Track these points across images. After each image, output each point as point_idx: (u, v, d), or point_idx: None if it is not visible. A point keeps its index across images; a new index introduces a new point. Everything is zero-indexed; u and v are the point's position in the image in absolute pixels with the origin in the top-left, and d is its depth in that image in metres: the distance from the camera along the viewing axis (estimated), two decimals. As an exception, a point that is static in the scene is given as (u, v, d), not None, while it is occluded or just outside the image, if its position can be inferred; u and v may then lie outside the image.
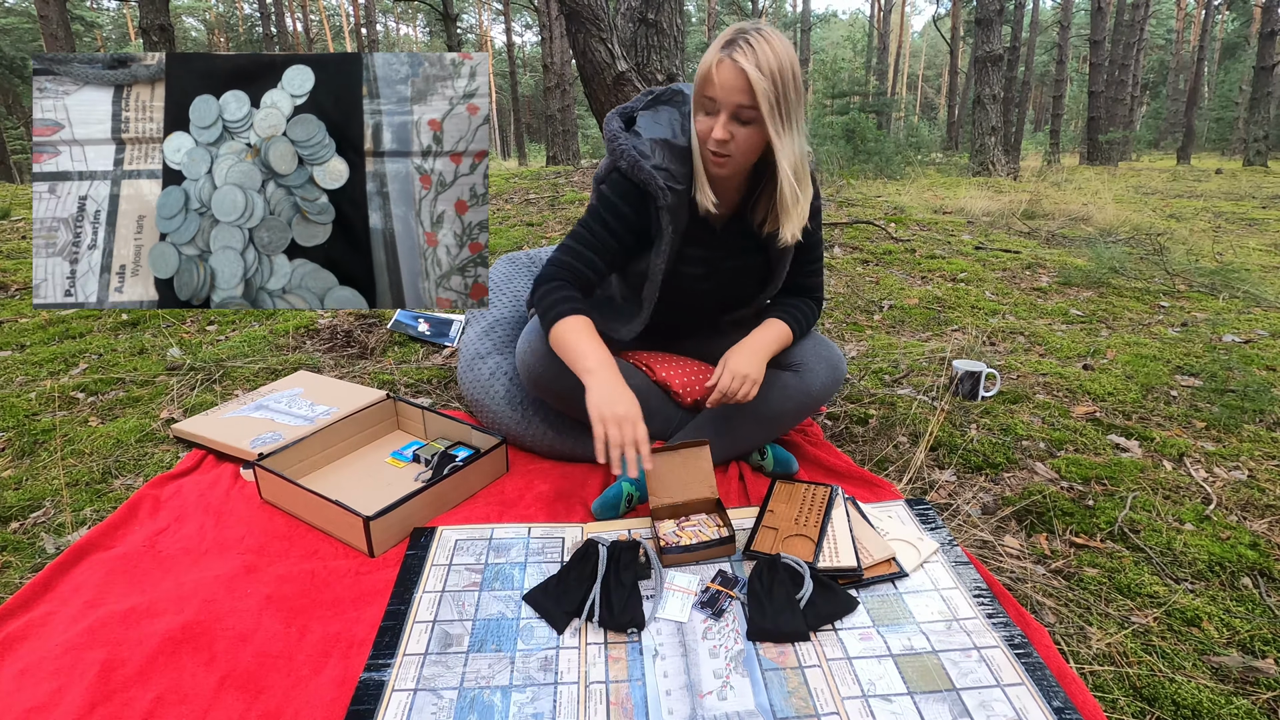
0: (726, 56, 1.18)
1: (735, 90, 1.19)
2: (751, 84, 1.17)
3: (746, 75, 1.17)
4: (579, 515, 1.40)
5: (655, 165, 1.32)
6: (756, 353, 1.36)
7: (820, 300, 1.54)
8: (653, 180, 1.31)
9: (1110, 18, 15.28)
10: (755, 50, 1.18)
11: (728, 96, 1.20)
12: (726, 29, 1.24)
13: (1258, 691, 1.00)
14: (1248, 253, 4.18)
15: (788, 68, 1.20)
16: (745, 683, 0.98)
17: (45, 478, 1.55)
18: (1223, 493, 1.49)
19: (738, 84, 1.18)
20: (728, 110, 1.21)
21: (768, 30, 1.21)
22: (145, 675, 0.98)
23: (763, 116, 1.20)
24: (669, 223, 1.34)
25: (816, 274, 1.51)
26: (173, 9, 10.47)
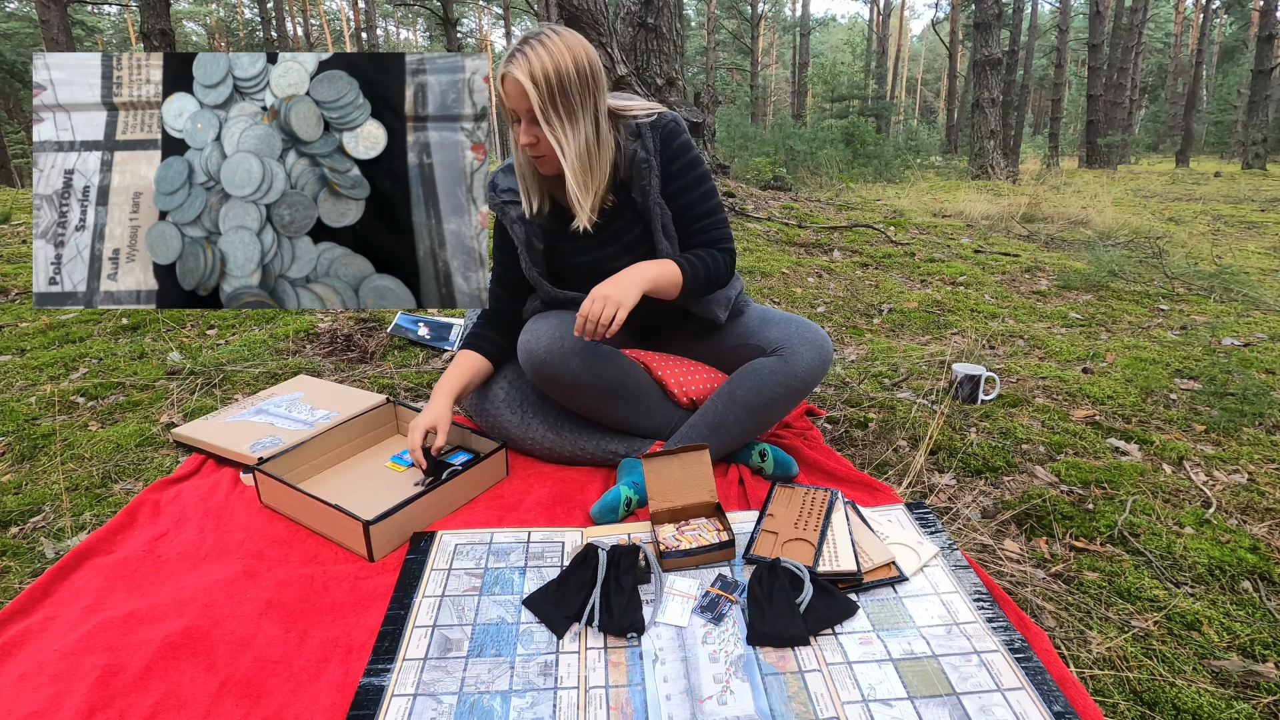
0: (506, 70, 1.29)
1: (518, 97, 1.29)
2: (525, 90, 1.27)
3: (520, 84, 1.27)
4: (578, 519, 1.40)
5: (502, 189, 1.50)
6: (625, 275, 1.36)
7: (728, 250, 1.51)
8: (493, 203, 1.50)
9: (1109, 21, 15.33)
10: (529, 58, 1.26)
11: (517, 104, 1.30)
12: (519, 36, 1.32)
13: (1258, 696, 1.00)
14: (1246, 256, 4.19)
15: (565, 65, 1.27)
16: (745, 687, 0.98)
17: (45, 482, 1.55)
18: (1222, 496, 1.49)
19: (516, 91, 1.28)
20: (524, 116, 1.32)
21: (549, 32, 1.29)
22: (144, 680, 0.98)
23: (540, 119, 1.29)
24: (519, 231, 1.49)
25: (713, 228, 1.49)
26: (173, 14, 10.50)
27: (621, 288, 1.33)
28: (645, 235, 1.49)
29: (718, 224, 1.51)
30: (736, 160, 7.60)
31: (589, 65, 1.30)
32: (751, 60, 26.60)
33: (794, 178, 7.01)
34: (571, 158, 1.34)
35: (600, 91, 1.34)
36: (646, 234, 1.49)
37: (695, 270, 1.44)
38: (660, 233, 1.46)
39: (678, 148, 1.45)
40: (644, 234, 1.49)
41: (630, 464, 1.51)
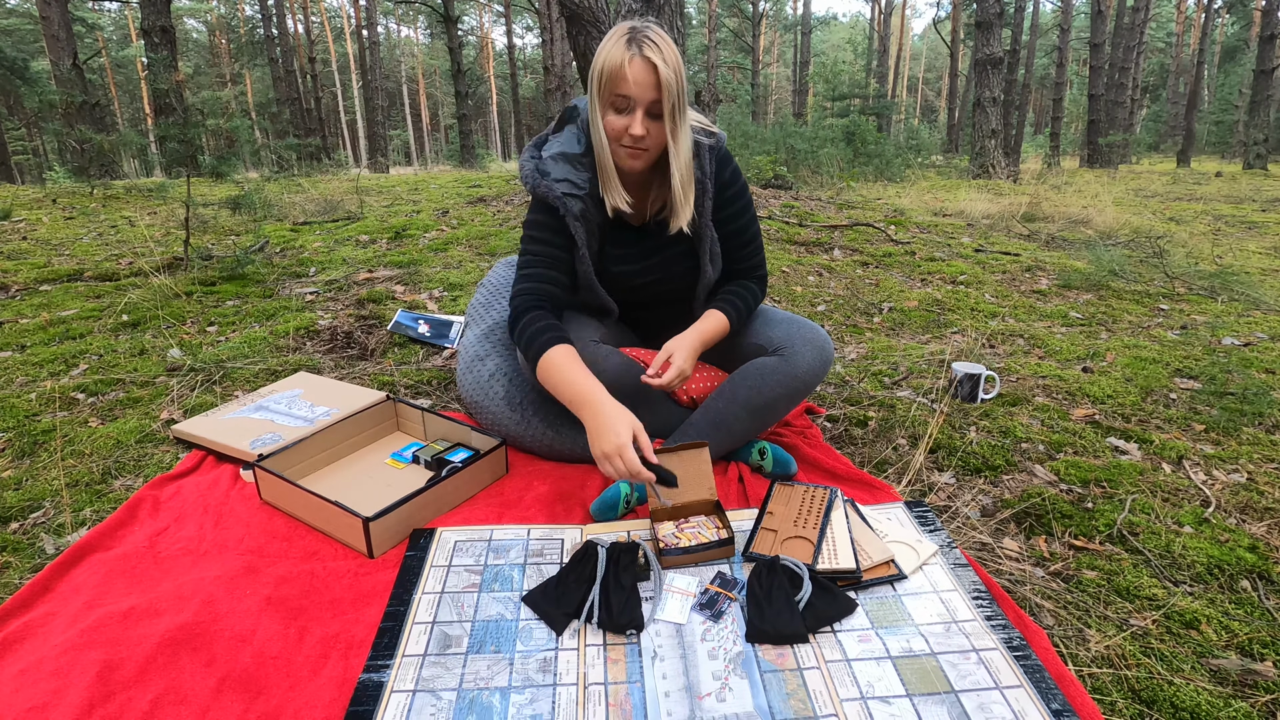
0: (637, 54, 1.24)
1: (648, 86, 1.25)
2: (661, 80, 1.24)
3: (658, 71, 1.24)
4: (578, 517, 1.40)
5: (555, 179, 1.39)
6: (693, 348, 1.42)
7: (762, 278, 1.58)
8: (551, 193, 1.38)
9: (1110, 21, 15.31)
10: (660, 48, 1.25)
11: (642, 93, 1.26)
12: (619, 27, 1.28)
13: (1256, 694, 1.00)
14: (1247, 256, 4.18)
15: (681, 64, 1.28)
16: (744, 684, 0.98)
17: (45, 478, 1.55)
18: (1222, 495, 1.49)
19: (650, 80, 1.25)
20: (642, 106, 1.27)
21: (658, 28, 1.28)
22: (144, 676, 0.98)
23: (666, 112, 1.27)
24: (579, 229, 1.41)
25: (754, 254, 1.55)
26: (174, 11, 10.49)
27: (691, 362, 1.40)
28: (689, 253, 1.50)
29: (757, 249, 1.55)
30: (737, 159, 7.59)
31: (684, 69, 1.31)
32: (753, 59, 26.57)
33: (795, 176, 7.00)
34: (683, 156, 1.33)
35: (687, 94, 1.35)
36: (690, 252, 1.50)
37: (740, 314, 1.50)
38: (707, 255, 1.48)
39: (730, 174, 1.47)
40: (687, 252, 1.50)
41: (630, 461, 1.51)
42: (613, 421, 1.18)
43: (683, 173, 1.35)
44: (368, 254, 3.47)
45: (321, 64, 32.23)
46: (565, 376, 1.27)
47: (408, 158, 35.89)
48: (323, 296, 2.82)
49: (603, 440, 1.18)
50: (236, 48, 32.94)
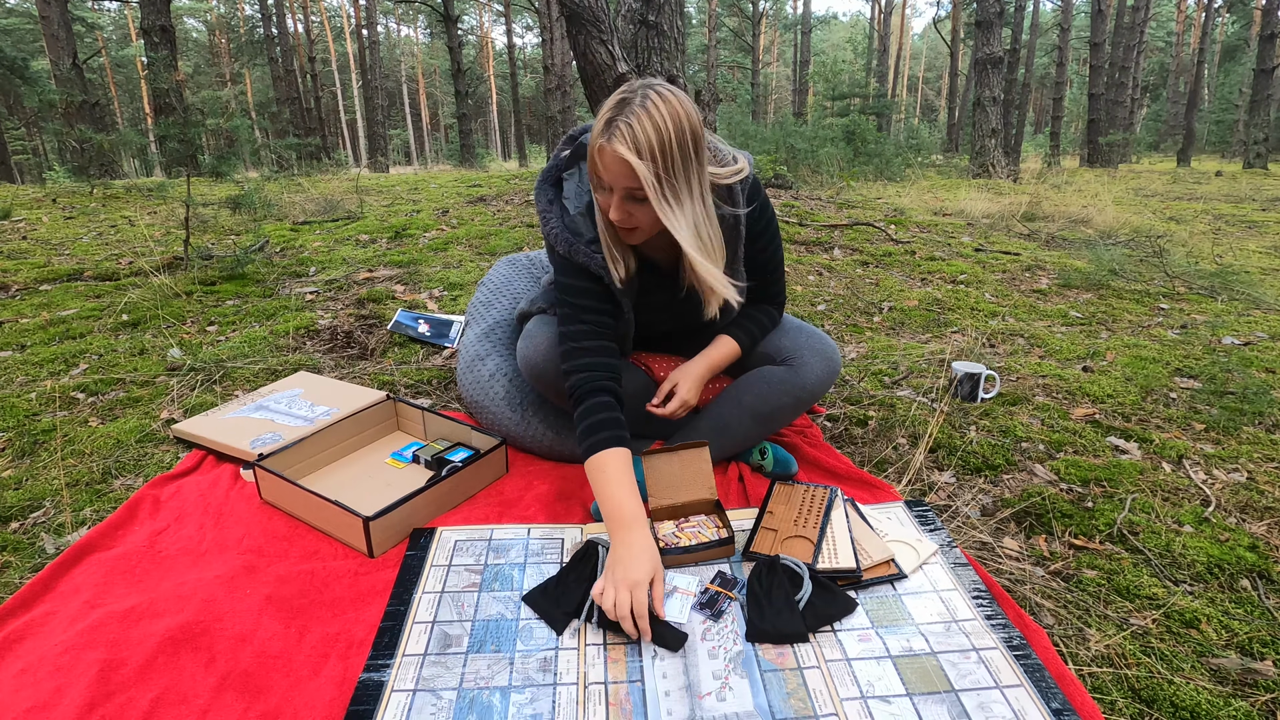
0: (606, 142, 1.13)
1: (621, 175, 1.14)
2: (634, 171, 1.12)
3: (626, 161, 1.12)
4: (578, 516, 1.40)
5: (588, 241, 1.29)
6: (700, 378, 1.42)
7: (781, 304, 1.55)
8: (591, 262, 1.29)
9: (1110, 20, 15.30)
10: (634, 128, 1.11)
11: (616, 181, 1.15)
12: (616, 94, 1.16)
13: (1256, 693, 1.00)
14: (1247, 255, 4.18)
15: (671, 137, 1.12)
16: (744, 684, 0.98)
17: (45, 478, 1.55)
18: (1222, 495, 1.49)
19: (621, 170, 1.13)
20: (618, 192, 1.17)
21: (655, 95, 1.13)
22: (145, 675, 0.98)
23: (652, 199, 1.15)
24: (622, 293, 1.34)
25: (776, 281, 1.51)
26: (173, 10, 10.48)
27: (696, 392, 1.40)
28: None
29: (780, 276, 1.52)
30: (737, 158, 7.57)
31: (693, 130, 1.15)
32: (753, 58, 26.57)
33: (795, 176, 7.00)
34: (688, 237, 1.18)
35: (704, 158, 1.20)
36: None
37: (753, 339, 1.49)
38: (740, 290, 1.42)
39: (760, 205, 1.37)
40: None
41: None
42: (639, 558, 1.10)
43: (692, 246, 1.20)
44: (368, 253, 3.47)
45: (321, 63, 32.22)
46: (612, 491, 1.19)
47: (407, 157, 35.89)
48: (323, 296, 2.82)
49: (622, 570, 1.09)
50: (236, 47, 32.92)
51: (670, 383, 1.41)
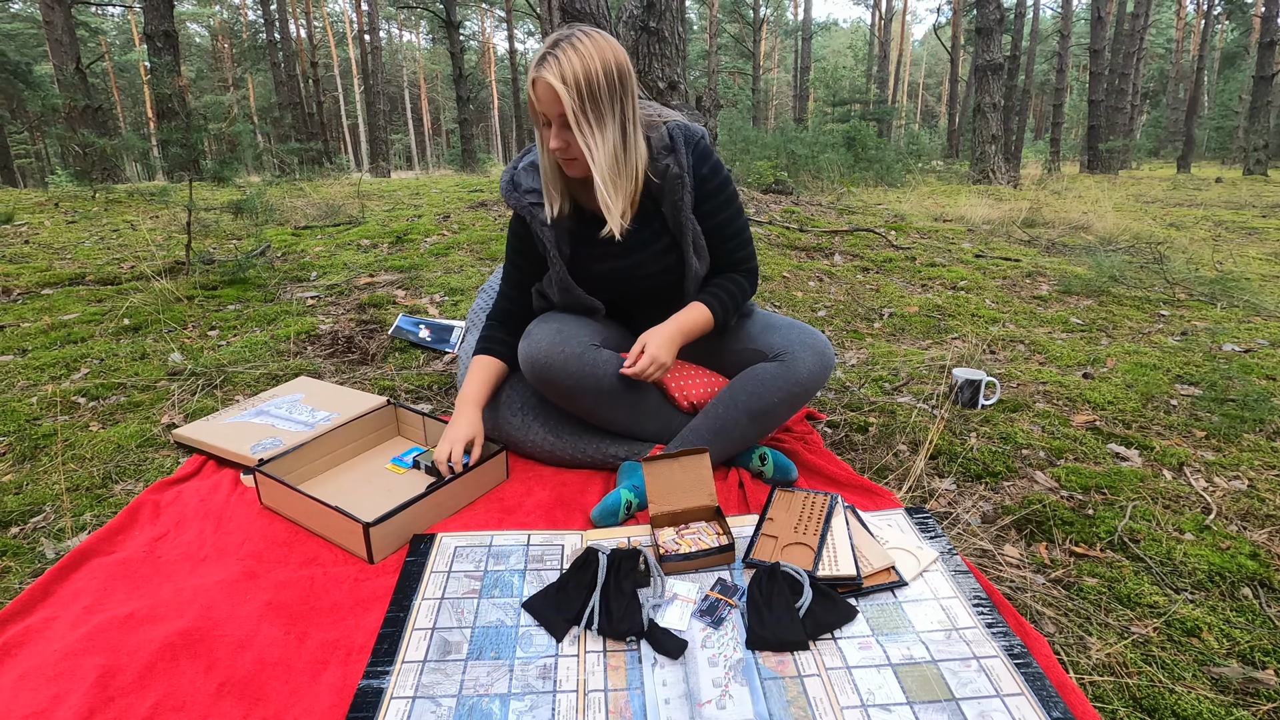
0: (537, 73, 1.28)
1: (549, 102, 1.28)
2: (559, 95, 1.26)
3: (552, 87, 1.26)
4: (578, 523, 1.40)
5: (525, 190, 1.46)
6: (672, 338, 1.44)
7: (751, 271, 1.57)
8: (519, 204, 1.47)
9: (1110, 27, 15.35)
10: (560, 61, 1.26)
11: (548, 108, 1.29)
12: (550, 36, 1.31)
13: (1258, 703, 1.00)
14: (1248, 262, 4.19)
15: (595, 69, 1.26)
16: (744, 692, 0.98)
17: (45, 482, 1.55)
18: (1223, 502, 1.48)
19: (549, 96, 1.28)
20: (554, 120, 1.30)
21: (581, 33, 1.29)
22: (144, 681, 0.98)
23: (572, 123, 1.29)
24: (549, 234, 1.46)
25: (740, 248, 1.54)
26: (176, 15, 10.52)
27: (668, 351, 1.43)
28: (673, 245, 1.50)
29: (744, 243, 1.55)
30: (738, 164, 7.61)
31: (619, 68, 1.29)
32: (753, 64, 26.64)
33: (795, 181, 7.01)
34: (601, 162, 1.33)
35: (630, 96, 1.33)
36: (674, 244, 1.50)
37: (725, 306, 1.51)
38: (690, 249, 1.48)
39: (711, 167, 1.47)
40: (672, 244, 1.50)
41: (630, 467, 1.51)
42: (458, 424, 1.46)
43: (605, 177, 1.34)
44: (369, 258, 3.47)
45: (323, 68, 32.32)
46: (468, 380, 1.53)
47: (409, 162, 35.97)
48: (324, 301, 2.83)
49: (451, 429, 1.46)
50: (239, 52, 33.04)
51: (640, 343, 1.42)
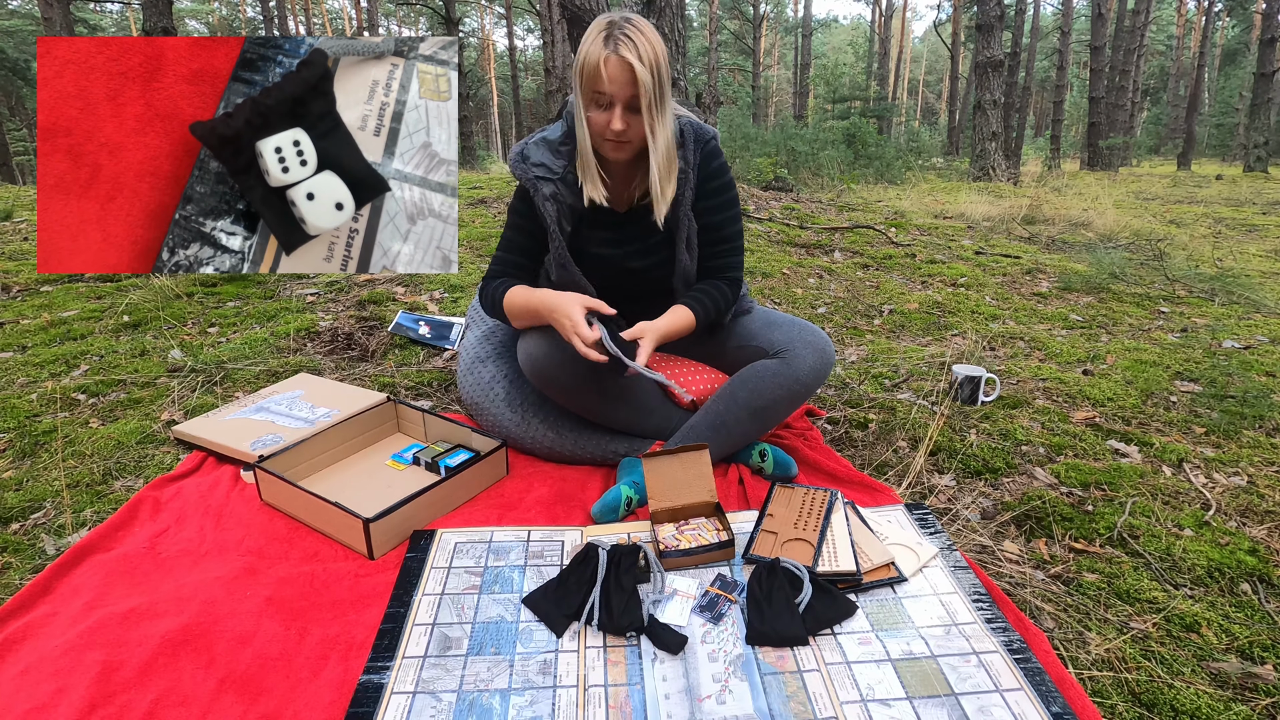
0: (613, 52, 1.27)
1: (625, 83, 1.28)
2: (637, 77, 1.27)
3: (633, 69, 1.26)
4: (579, 519, 1.40)
5: (533, 163, 1.45)
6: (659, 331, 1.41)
7: (735, 280, 1.55)
8: (524, 175, 1.45)
9: (1111, 24, 15.32)
10: (636, 43, 1.27)
11: (620, 90, 1.29)
12: (599, 20, 1.30)
13: (1257, 698, 1.00)
14: (1248, 258, 4.19)
15: (661, 56, 1.30)
16: (744, 687, 0.98)
17: (46, 479, 1.55)
18: (1222, 498, 1.49)
19: (626, 77, 1.27)
20: (621, 102, 1.30)
21: (638, 20, 1.30)
22: (145, 677, 0.98)
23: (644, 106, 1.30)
24: (550, 208, 1.45)
25: (728, 254, 1.53)
26: (175, 12, 10.52)
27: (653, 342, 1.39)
28: (667, 240, 1.49)
29: (735, 250, 1.54)
30: (738, 161, 7.61)
31: (668, 57, 1.33)
32: (753, 61, 26.60)
33: (795, 178, 7.01)
34: (661, 148, 1.35)
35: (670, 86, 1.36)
36: (668, 239, 1.49)
37: (707, 312, 1.50)
38: (683, 244, 1.48)
39: (716, 167, 1.48)
40: (666, 239, 1.49)
41: (630, 463, 1.51)
42: (563, 299, 1.34)
43: (661, 165, 1.37)
44: (368, 255, 3.46)
45: (323, 65, 32.21)
46: (523, 298, 1.42)
47: (409, 159, 35.86)
48: (323, 298, 2.83)
49: (555, 310, 1.34)
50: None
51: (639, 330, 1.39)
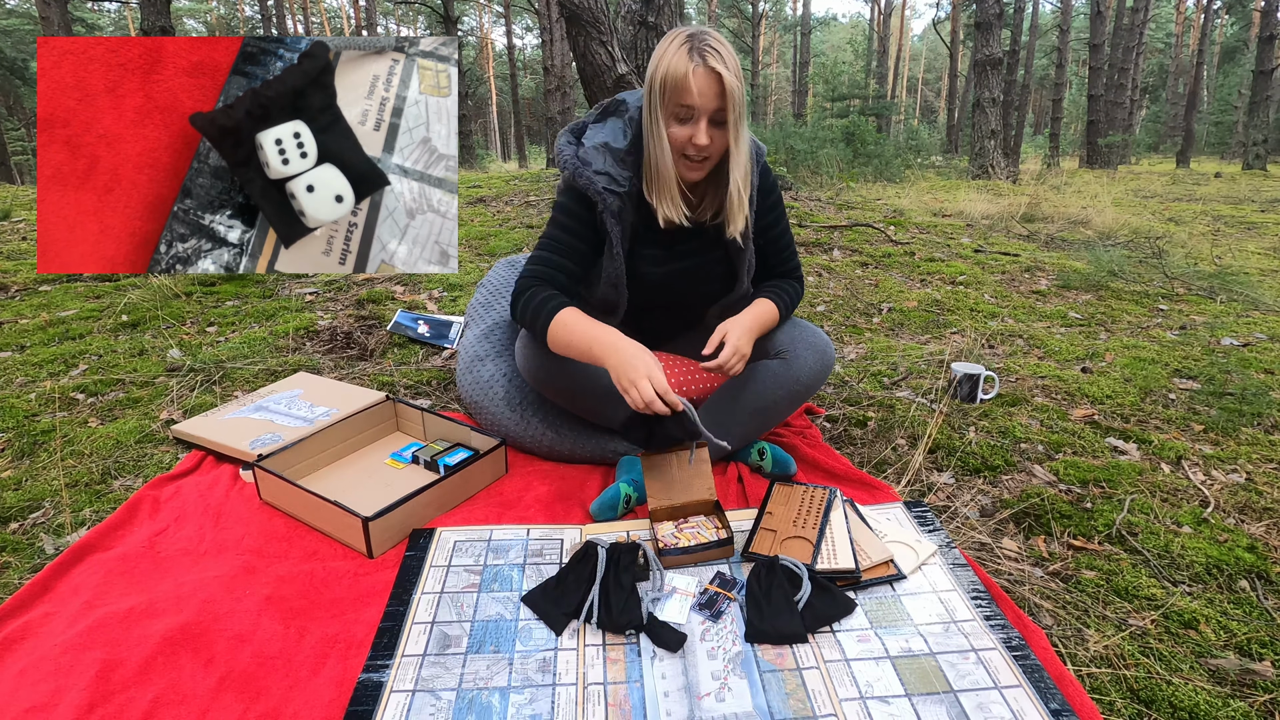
0: (701, 64, 1.22)
1: (713, 96, 1.24)
2: (726, 89, 1.23)
3: (723, 80, 1.22)
4: (578, 517, 1.40)
5: (596, 171, 1.36)
6: (750, 330, 1.40)
7: (801, 279, 1.59)
8: (591, 185, 1.35)
9: (1110, 21, 15.32)
10: (722, 54, 1.23)
11: (707, 103, 1.24)
12: (676, 34, 1.27)
13: (1255, 694, 1.00)
14: (1246, 256, 4.19)
15: (739, 68, 1.26)
16: (743, 684, 0.98)
17: (45, 478, 1.55)
18: (1220, 496, 1.49)
19: (714, 89, 1.23)
20: (706, 115, 1.26)
21: (714, 32, 1.27)
22: (144, 676, 0.98)
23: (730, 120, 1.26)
24: (614, 225, 1.37)
25: (791, 257, 1.56)
26: (173, 11, 10.51)
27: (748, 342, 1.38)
28: (721, 259, 1.48)
29: (794, 253, 1.57)
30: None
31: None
32: (752, 59, 26.58)
33: (794, 177, 7.00)
34: (742, 163, 1.32)
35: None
36: (723, 258, 1.48)
37: (786, 307, 1.50)
38: (745, 267, 1.48)
39: (771, 182, 1.47)
40: (720, 258, 1.48)
41: (629, 461, 1.51)
42: (634, 356, 1.20)
43: (741, 179, 1.33)
44: (367, 254, 3.46)
45: (321, 64, 32.17)
46: (582, 328, 1.27)
47: (407, 158, 35.83)
48: (322, 297, 2.83)
49: (628, 370, 1.18)
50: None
51: (720, 333, 1.36)
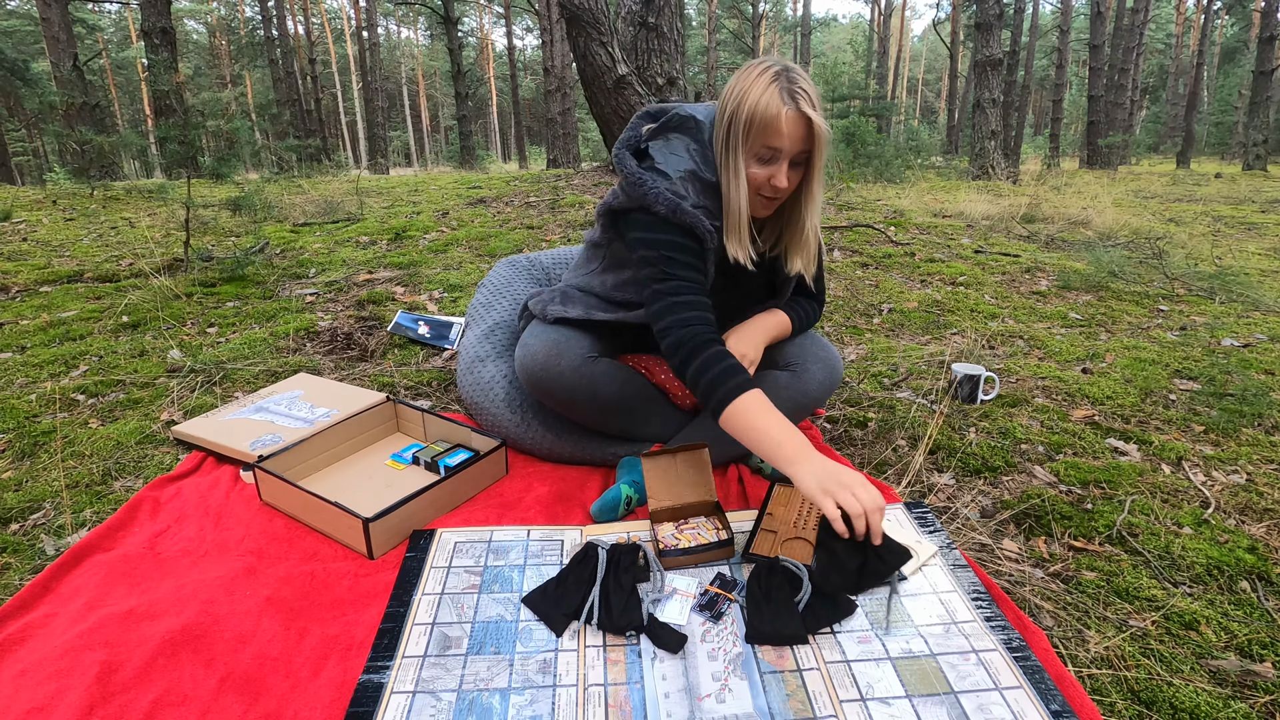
0: (793, 108, 1.18)
1: (800, 139, 1.21)
2: (816, 134, 1.21)
3: (812, 124, 1.20)
4: (578, 518, 1.40)
5: (694, 205, 1.28)
6: (755, 335, 1.40)
7: (823, 302, 1.58)
8: (700, 224, 1.26)
9: (1110, 22, 15.32)
10: (812, 97, 1.20)
11: (795, 145, 1.22)
12: (761, 68, 1.20)
13: (1255, 695, 1.00)
14: (1247, 257, 4.19)
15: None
16: (744, 685, 0.98)
17: (45, 479, 1.55)
18: (1221, 496, 1.49)
19: (802, 133, 1.21)
20: (792, 158, 1.24)
21: (798, 68, 1.23)
22: (144, 677, 0.98)
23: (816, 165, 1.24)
24: (712, 262, 1.32)
25: (820, 279, 1.56)
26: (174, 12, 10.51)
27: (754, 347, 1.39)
28: (765, 284, 1.48)
29: (822, 276, 1.55)
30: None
31: None
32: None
33: (794, 177, 7.00)
34: (819, 207, 1.32)
35: None
36: (766, 284, 1.48)
37: (801, 321, 1.50)
38: (788, 291, 1.47)
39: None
40: (764, 284, 1.48)
41: (630, 462, 1.51)
42: (838, 467, 1.12)
43: (815, 221, 1.33)
44: (368, 255, 3.47)
45: (322, 65, 32.26)
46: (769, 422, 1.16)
47: (408, 159, 35.94)
48: (323, 298, 2.83)
49: (840, 475, 1.11)
50: (237, 49, 32.95)
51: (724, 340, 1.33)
